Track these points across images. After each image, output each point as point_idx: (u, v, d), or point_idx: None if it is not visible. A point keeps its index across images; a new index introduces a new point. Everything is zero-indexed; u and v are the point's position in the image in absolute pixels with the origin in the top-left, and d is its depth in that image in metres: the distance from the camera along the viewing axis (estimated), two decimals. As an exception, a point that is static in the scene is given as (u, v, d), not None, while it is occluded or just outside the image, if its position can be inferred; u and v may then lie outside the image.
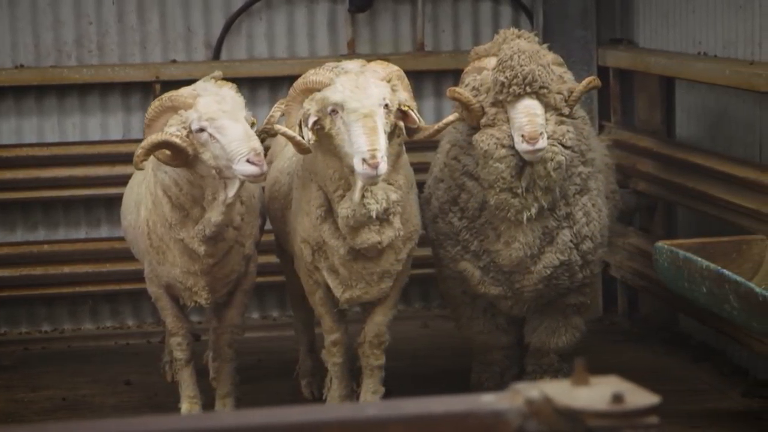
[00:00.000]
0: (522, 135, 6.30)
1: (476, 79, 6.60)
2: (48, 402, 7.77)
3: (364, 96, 6.12)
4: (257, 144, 6.06)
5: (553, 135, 6.41)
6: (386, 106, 6.17)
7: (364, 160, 5.95)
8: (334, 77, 6.25)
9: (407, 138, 6.44)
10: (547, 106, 6.43)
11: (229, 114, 6.13)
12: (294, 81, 6.51)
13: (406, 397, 2.25)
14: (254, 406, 6.68)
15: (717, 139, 7.98)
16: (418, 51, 9.35)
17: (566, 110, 6.50)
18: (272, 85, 9.19)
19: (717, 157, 7.64)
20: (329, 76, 6.27)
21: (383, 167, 5.98)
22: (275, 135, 6.62)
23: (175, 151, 6.19)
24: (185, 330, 6.98)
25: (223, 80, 6.54)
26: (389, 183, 6.34)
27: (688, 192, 7.81)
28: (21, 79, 9.01)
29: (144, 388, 7.90)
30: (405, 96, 6.37)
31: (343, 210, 6.30)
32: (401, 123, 6.34)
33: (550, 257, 6.69)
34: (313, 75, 6.34)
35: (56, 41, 9.11)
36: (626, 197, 8.29)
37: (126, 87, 9.13)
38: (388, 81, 6.33)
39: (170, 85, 7.64)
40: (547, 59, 6.53)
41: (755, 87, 7.08)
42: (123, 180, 7.43)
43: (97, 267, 9.02)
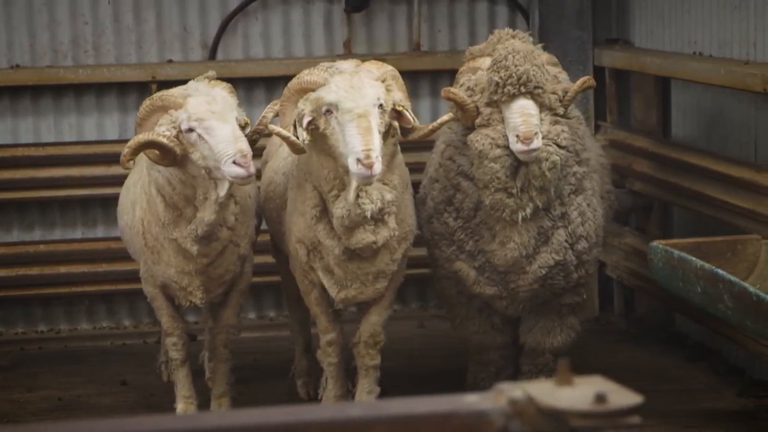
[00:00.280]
0: (517, 135, 6.30)
1: (471, 80, 6.60)
2: (44, 402, 7.76)
3: (359, 96, 6.12)
4: (244, 146, 6.06)
5: (548, 135, 6.41)
6: (381, 106, 6.17)
7: (359, 160, 5.95)
8: (329, 77, 6.24)
9: (402, 138, 6.43)
10: (542, 106, 6.43)
11: (218, 115, 6.13)
12: (290, 81, 6.51)
13: (400, 397, 2.25)
14: (250, 406, 6.67)
15: (712, 139, 7.98)
16: (415, 51, 9.35)
17: (561, 110, 6.50)
18: (268, 85, 9.18)
19: (712, 157, 7.64)
20: (324, 76, 6.26)
21: (378, 167, 5.98)
22: (270, 135, 6.61)
23: (164, 151, 6.19)
24: (181, 330, 6.98)
25: (217, 80, 6.54)
26: (384, 183, 6.33)
27: (684, 192, 7.81)
28: (17, 79, 9.01)
29: (140, 389, 7.90)
30: (399, 96, 6.36)
31: (338, 210, 6.30)
32: (396, 123, 6.33)
33: (546, 257, 6.69)
34: (308, 75, 6.33)
35: (52, 41, 9.11)
36: (622, 197, 8.28)
37: (122, 87, 9.13)
38: (383, 81, 6.32)
39: (167, 85, 7.59)
40: (542, 59, 6.53)
41: (750, 87, 7.08)
42: (119, 180, 7.42)
43: (94, 267, 9.02)
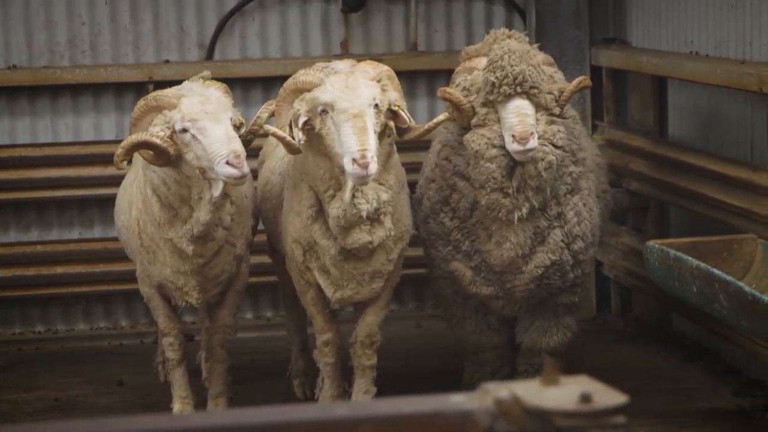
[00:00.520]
0: (513, 135, 6.30)
1: (467, 80, 6.59)
2: (41, 402, 7.76)
3: (354, 96, 6.12)
4: (238, 146, 6.05)
5: (544, 135, 6.41)
6: (376, 106, 6.17)
7: (355, 160, 5.95)
8: (324, 77, 6.24)
9: (398, 138, 6.44)
10: (538, 106, 6.42)
11: (212, 115, 6.12)
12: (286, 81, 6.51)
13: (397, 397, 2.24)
14: (247, 406, 6.67)
15: (709, 139, 7.98)
16: (411, 51, 9.35)
17: (557, 110, 6.50)
18: (265, 86, 9.18)
19: (709, 157, 7.63)
20: (319, 77, 6.26)
21: (373, 167, 5.98)
22: (265, 135, 6.61)
23: (157, 151, 6.19)
24: (177, 330, 6.98)
25: (213, 80, 6.54)
26: (380, 183, 6.34)
27: (681, 191, 7.81)
28: (14, 80, 9.01)
29: (137, 389, 7.90)
30: (395, 96, 6.36)
31: (334, 210, 6.30)
32: (391, 123, 6.34)
33: (542, 257, 6.69)
34: (303, 75, 6.33)
35: (49, 41, 9.10)
36: (619, 197, 8.28)
37: (119, 87, 9.13)
38: (378, 81, 6.32)
39: (163, 86, 7.56)
40: (538, 59, 6.52)
41: (746, 86, 7.07)
42: (116, 180, 7.41)
43: (91, 267, 9.02)
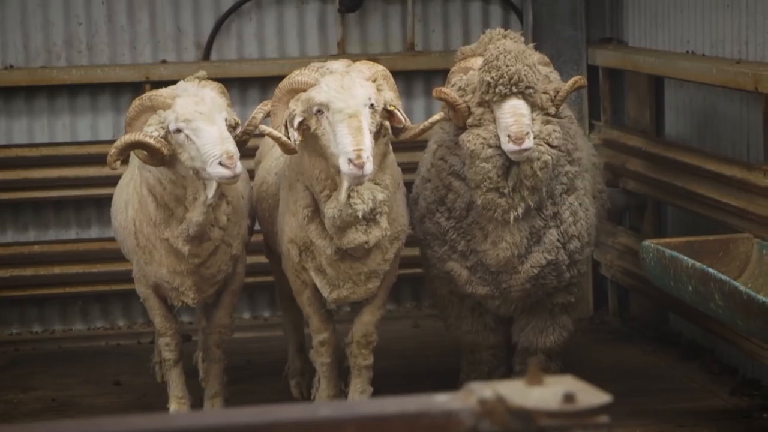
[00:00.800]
0: (508, 135, 6.29)
1: (462, 79, 6.59)
2: (38, 403, 7.76)
3: (349, 96, 6.12)
4: (231, 147, 6.05)
5: (540, 135, 6.40)
6: (372, 106, 6.17)
7: (350, 161, 5.95)
8: (320, 77, 6.24)
9: (393, 138, 6.44)
10: (534, 106, 6.42)
11: (205, 116, 6.12)
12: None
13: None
14: (243, 406, 6.67)
15: (705, 138, 7.98)
16: (408, 51, 9.35)
17: (552, 110, 6.50)
18: (262, 86, 9.18)
19: (705, 156, 7.63)
20: (314, 77, 6.26)
21: (369, 167, 5.97)
22: (262, 136, 6.61)
23: (151, 151, 6.19)
24: (174, 330, 6.98)
25: (208, 80, 6.54)
26: (376, 183, 6.33)
27: (677, 191, 7.81)
28: (11, 80, 9.01)
29: (134, 389, 7.90)
30: (391, 95, 6.36)
31: (330, 210, 6.29)
32: (387, 123, 6.33)
33: (538, 257, 6.69)
34: (299, 75, 6.33)
35: (46, 42, 9.11)
36: (616, 196, 8.28)
37: (116, 87, 9.13)
38: (374, 81, 6.32)
39: (160, 86, 7.54)
40: (533, 59, 6.52)
41: (742, 86, 7.08)
42: (113, 180, 7.42)
43: (88, 268, 9.02)
